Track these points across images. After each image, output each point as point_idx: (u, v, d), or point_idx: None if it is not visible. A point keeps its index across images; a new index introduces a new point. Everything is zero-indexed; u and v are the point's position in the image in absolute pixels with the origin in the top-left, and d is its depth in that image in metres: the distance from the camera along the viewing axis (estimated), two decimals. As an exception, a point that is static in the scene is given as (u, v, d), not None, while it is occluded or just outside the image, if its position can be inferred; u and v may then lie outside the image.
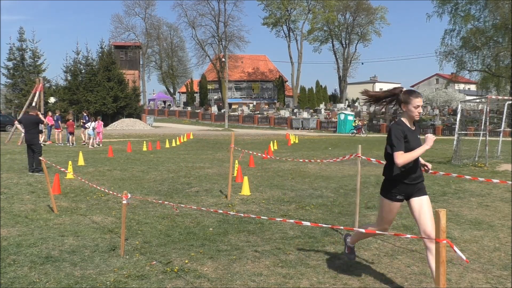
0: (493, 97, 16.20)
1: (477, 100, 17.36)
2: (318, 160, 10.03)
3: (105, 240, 5.98)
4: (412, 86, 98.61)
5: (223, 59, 62.93)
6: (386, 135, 4.08)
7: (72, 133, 23.70)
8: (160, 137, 30.10)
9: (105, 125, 40.87)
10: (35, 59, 49.58)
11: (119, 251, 5.41)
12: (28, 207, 7.99)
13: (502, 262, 5.19)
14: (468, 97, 67.14)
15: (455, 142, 15.63)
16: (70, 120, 23.99)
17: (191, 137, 30.27)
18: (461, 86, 77.53)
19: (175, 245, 5.74)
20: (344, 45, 74.96)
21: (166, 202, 6.82)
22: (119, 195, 6.10)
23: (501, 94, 43.11)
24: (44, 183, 10.17)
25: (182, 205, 6.09)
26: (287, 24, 74.81)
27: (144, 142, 23.75)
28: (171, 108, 69.19)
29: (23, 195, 9.15)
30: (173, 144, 24.52)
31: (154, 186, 10.41)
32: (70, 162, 13.15)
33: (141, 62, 74.70)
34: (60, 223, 6.87)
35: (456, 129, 15.53)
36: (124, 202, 5.26)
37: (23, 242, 5.80)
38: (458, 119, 15.56)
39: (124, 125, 48.46)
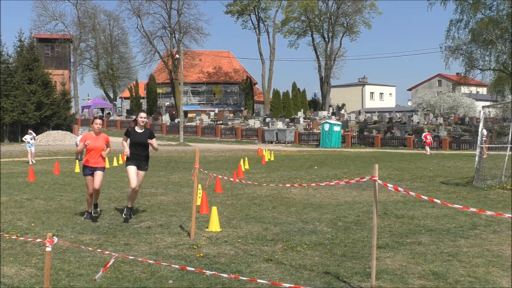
0: None
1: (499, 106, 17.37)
2: (326, 183, 9.55)
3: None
4: (410, 89, 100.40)
5: (177, 56, 62.39)
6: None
7: None
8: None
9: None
10: None
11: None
12: None
13: None
14: (478, 103, 68.62)
15: (476, 159, 15.13)
16: None
17: (138, 154, 29.64)
18: (468, 89, 79.10)
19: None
20: (326, 39, 75.62)
21: (106, 252, 6.17)
22: (38, 240, 5.44)
23: None
24: None
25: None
26: (256, 13, 75.06)
27: (77, 161, 23.02)
28: (111, 118, 68.03)
29: None
30: (115, 164, 23.85)
31: (90, 221, 9.96)
32: None
33: (72, 60, 73.73)
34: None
35: (478, 142, 15.21)
36: (48, 249, 4.71)
37: None
38: (480, 128, 15.37)
39: (51, 139, 47.86)
